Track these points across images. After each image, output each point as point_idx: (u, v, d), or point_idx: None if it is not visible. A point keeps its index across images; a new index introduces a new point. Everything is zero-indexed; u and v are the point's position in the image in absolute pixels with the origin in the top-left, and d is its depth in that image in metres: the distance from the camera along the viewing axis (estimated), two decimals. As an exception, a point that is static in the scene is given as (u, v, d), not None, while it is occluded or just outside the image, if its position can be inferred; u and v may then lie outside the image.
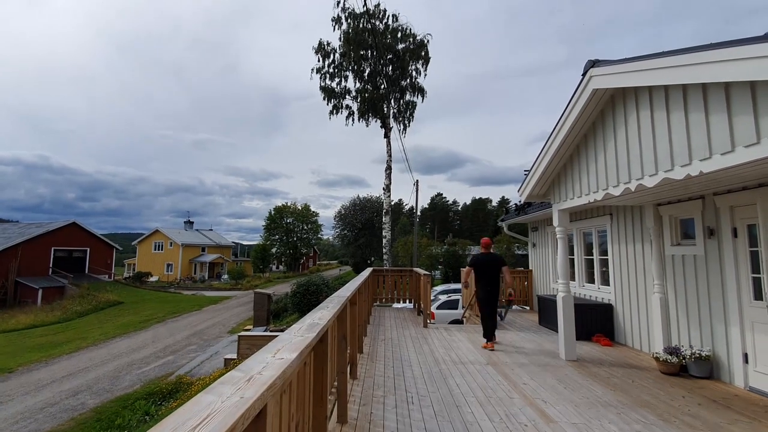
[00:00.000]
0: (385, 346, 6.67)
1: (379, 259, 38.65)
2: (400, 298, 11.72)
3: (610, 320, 7.07)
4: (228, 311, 26.96)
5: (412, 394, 4.37)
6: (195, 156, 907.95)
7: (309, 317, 2.55)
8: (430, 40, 20.15)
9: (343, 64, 20.16)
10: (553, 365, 5.58)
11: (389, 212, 19.78)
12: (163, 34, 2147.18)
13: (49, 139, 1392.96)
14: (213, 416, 0.96)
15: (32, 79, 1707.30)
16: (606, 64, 4.40)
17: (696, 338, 5.21)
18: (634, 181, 4.25)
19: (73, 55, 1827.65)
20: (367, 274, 8.09)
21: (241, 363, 1.43)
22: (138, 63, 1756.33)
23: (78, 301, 28.62)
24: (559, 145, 5.56)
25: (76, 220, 37.85)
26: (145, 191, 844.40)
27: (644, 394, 4.41)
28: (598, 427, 3.55)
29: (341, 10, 19.33)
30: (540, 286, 10.68)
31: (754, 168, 3.26)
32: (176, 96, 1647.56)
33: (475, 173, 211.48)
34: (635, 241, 6.53)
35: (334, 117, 20.70)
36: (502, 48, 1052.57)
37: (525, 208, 10.76)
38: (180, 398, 10.60)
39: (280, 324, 18.68)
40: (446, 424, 3.61)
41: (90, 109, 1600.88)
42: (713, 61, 2.93)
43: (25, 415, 10.41)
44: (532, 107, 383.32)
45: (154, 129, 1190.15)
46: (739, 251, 4.66)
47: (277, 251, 59.37)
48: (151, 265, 49.33)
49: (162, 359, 15.44)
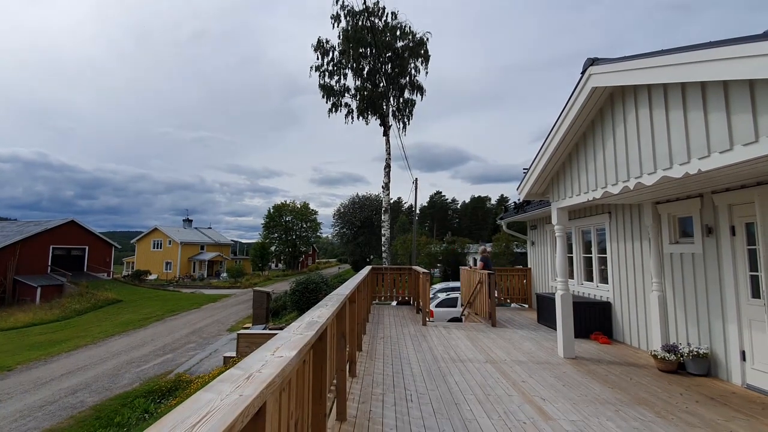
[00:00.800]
0: (384, 344, 6.68)
1: (378, 257, 38.68)
2: (399, 296, 11.74)
3: (608, 318, 7.09)
4: (227, 309, 26.95)
5: (411, 392, 4.38)
6: (197, 153, 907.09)
7: (308, 315, 2.55)
8: (430, 38, 20.13)
9: (342, 62, 20.11)
10: (551, 363, 5.60)
11: (388, 210, 19.79)
12: (178, 22, 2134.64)
13: (50, 136, 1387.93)
14: (212, 414, 0.96)
15: (38, 73, 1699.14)
16: (605, 62, 4.40)
17: (694, 336, 5.23)
18: (633, 180, 4.25)
19: (82, 46, 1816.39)
20: (366, 273, 8.09)
21: (241, 361, 1.44)
22: (149, 54, 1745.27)
23: (77, 300, 28.60)
24: (558, 144, 5.56)
25: (74, 218, 37.87)
26: (144, 189, 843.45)
27: (642, 392, 4.42)
28: (596, 425, 3.57)
29: (340, 7, 19.28)
30: (539, 284, 10.70)
31: (753, 166, 3.26)
32: (188, 90, 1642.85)
33: (477, 170, 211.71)
34: (634, 239, 6.54)
35: (333, 115, 20.68)
36: (534, 38, 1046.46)
37: (524, 206, 10.78)
38: (179, 396, 10.61)
39: (279, 322, 18.68)
40: (445, 421, 3.62)
41: (96, 104, 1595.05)
42: (712, 59, 2.93)
43: (24, 413, 10.40)
44: (544, 101, 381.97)
45: (161, 125, 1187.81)
46: (737, 249, 4.68)
47: (276, 249, 59.36)
48: (149, 263, 49.26)
49: (161, 357, 15.44)
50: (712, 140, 3.18)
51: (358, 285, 5.42)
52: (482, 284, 8.96)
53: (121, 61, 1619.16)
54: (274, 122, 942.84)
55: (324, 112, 22.35)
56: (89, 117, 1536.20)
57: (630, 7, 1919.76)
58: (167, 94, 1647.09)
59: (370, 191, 68.99)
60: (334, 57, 20.10)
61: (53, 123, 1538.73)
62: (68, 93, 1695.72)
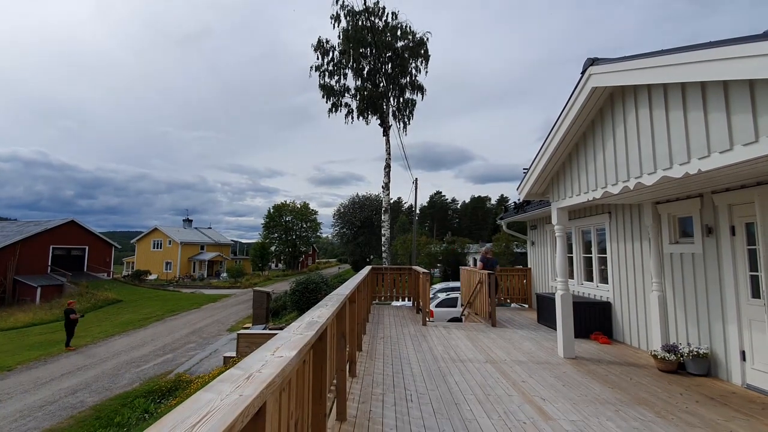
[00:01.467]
0: (384, 344, 6.68)
1: (378, 257, 38.68)
2: (399, 296, 11.74)
3: (608, 318, 7.09)
4: (227, 309, 26.95)
5: (411, 392, 4.38)
6: (199, 152, 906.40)
7: (308, 315, 2.55)
8: (430, 38, 20.13)
9: (342, 62, 20.12)
10: (551, 363, 5.60)
11: (388, 210, 19.79)
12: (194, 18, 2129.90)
13: (54, 134, 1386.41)
14: (212, 414, 0.96)
15: (48, 69, 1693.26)
16: (605, 62, 4.40)
17: (694, 336, 5.23)
18: (633, 180, 4.25)
19: (94, 41, 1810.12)
20: (366, 273, 8.09)
21: (241, 361, 1.44)
22: (161, 46, 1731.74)
23: (77, 300, 28.57)
24: (558, 144, 5.56)
25: (74, 218, 37.87)
26: (145, 188, 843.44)
27: (642, 392, 4.42)
28: (596, 425, 3.57)
29: (340, 7, 19.29)
30: (539, 284, 10.70)
31: (753, 166, 3.26)
32: (198, 87, 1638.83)
33: (481, 169, 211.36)
34: (634, 239, 6.54)
35: (333, 115, 20.68)
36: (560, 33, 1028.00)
37: (524, 206, 10.78)
38: (179, 396, 10.60)
39: (279, 322, 18.68)
40: (445, 421, 3.62)
41: (100, 102, 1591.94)
42: (712, 59, 2.93)
43: (24, 413, 10.40)
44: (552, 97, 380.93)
45: (163, 124, 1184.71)
46: (737, 249, 4.68)
47: (276, 249, 59.36)
48: (149, 263, 49.26)
49: (161, 357, 15.44)
50: (712, 140, 3.18)
51: (358, 285, 5.42)
52: (482, 284, 8.96)
53: (131, 57, 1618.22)
54: (276, 121, 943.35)
55: (324, 111, 22.36)
56: (92, 115, 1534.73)
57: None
58: (176, 92, 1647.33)
59: (371, 191, 69.04)
60: (334, 57, 20.11)
61: (60, 122, 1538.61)
62: (78, 90, 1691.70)
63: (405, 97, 20.68)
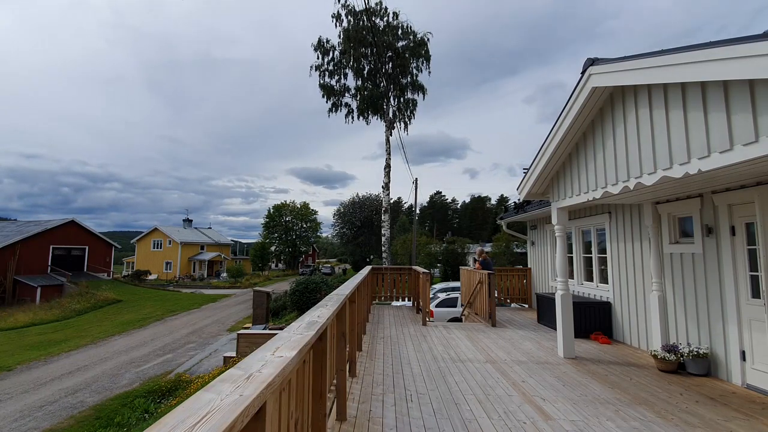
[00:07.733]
0: (384, 344, 6.68)
1: (378, 257, 38.69)
2: (399, 296, 11.74)
3: (608, 318, 7.09)
4: (227, 309, 26.96)
5: (411, 392, 4.38)
6: (199, 152, 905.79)
7: (308, 315, 2.55)
8: (431, 39, 20.15)
9: (342, 61, 20.13)
10: (551, 363, 5.60)
11: (388, 210, 19.79)
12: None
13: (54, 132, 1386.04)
14: (212, 414, 0.96)
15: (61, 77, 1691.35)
16: (605, 62, 4.40)
17: (694, 336, 5.23)
18: (633, 180, 4.25)
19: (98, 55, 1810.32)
20: (366, 273, 8.09)
21: (241, 361, 1.44)
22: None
23: (77, 300, 28.60)
24: (558, 144, 5.56)
25: (74, 218, 37.86)
26: (145, 188, 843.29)
27: (642, 392, 4.42)
28: (596, 425, 3.57)
29: (341, 6, 19.29)
30: (539, 284, 10.70)
31: (753, 166, 3.26)
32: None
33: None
34: (634, 239, 6.54)
35: (333, 115, 20.69)
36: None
37: (524, 206, 10.78)
38: (179, 396, 10.61)
39: (279, 322, 18.69)
40: (445, 421, 3.62)
41: (106, 104, 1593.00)
42: (712, 59, 2.93)
43: (24, 413, 10.40)
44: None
45: (168, 128, 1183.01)
46: (737, 249, 4.67)
47: (276, 249, 59.39)
48: (149, 263, 49.27)
49: (161, 357, 15.45)
50: (712, 140, 3.17)
51: (358, 285, 5.42)
52: (482, 284, 8.96)
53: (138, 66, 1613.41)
54: (276, 121, 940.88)
55: (324, 112, 22.36)
56: (94, 115, 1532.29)
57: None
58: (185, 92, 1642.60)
59: (371, 191, 69.02)
60: (334, 56, 20.12)
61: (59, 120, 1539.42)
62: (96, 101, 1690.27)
63: (406, 97, 20.70)
